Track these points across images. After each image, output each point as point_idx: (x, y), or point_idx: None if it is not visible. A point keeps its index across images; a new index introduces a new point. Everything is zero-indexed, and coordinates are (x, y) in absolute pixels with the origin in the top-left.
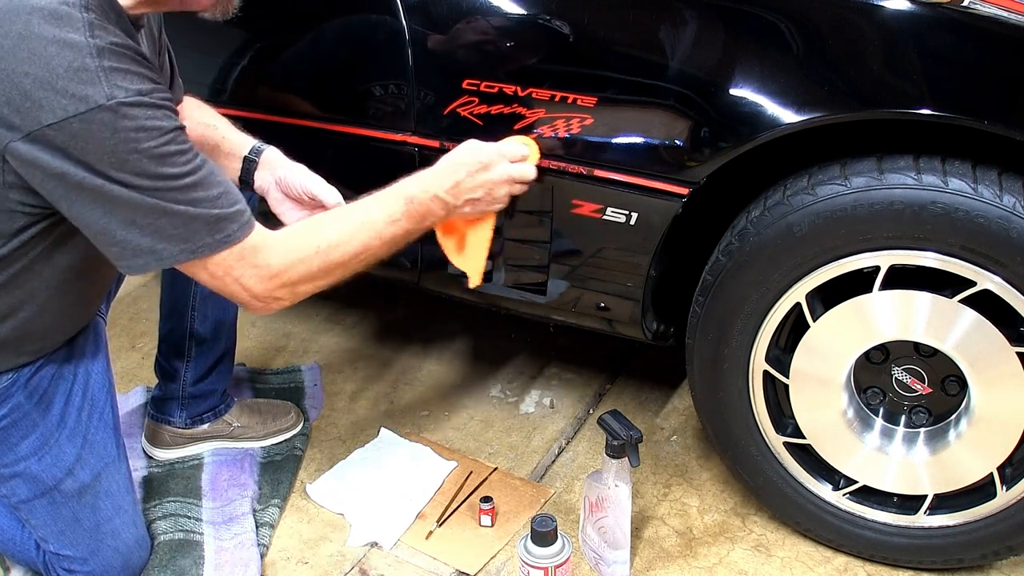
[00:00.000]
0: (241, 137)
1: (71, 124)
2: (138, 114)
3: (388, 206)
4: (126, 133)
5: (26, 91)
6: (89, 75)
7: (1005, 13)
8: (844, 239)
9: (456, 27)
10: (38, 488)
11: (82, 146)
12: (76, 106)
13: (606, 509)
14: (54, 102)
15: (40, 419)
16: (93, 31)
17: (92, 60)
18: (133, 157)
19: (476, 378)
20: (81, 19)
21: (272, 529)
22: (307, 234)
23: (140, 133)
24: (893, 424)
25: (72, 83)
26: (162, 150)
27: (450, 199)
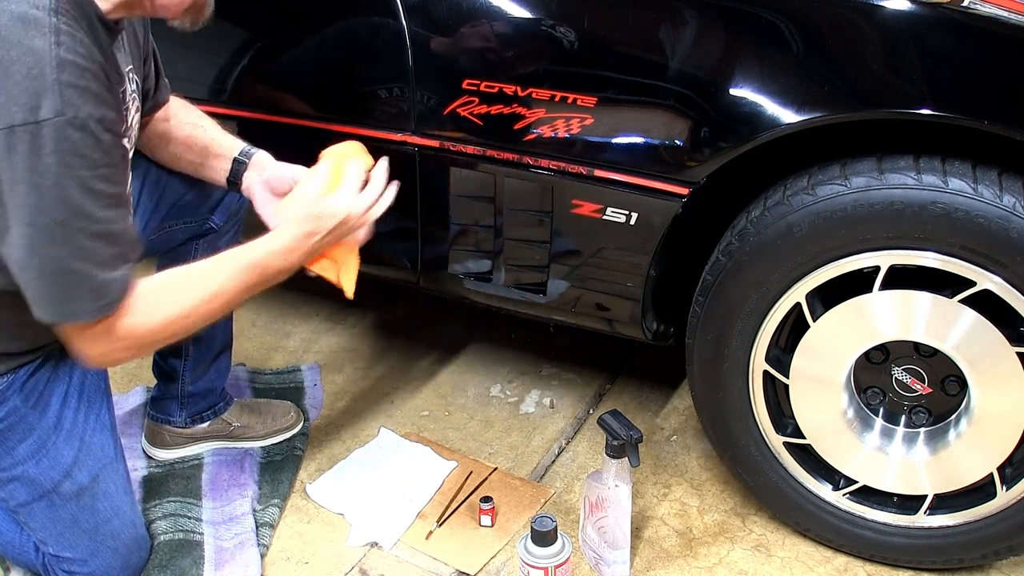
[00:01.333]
0: (230, 139)
1: (15, 132)
2: (80, 138)
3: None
4: (64, 155)
5: None
6: (44, 85)
7: (1005, 13)
8: (844, 239)
9: (456, 27)
10: (36, 491)
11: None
12: (24, 115)
13: (606, 509)
14: (5, 107)
15: (37, 422)
16: (59, 38)
17: (51, 71)
18: (65, 180)
19: (476, 378)
20: (49, 24)
21: (272, 529)
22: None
23: (76, 158)
24: (893, 424)
25: (25, 92)
26: (91, 183)
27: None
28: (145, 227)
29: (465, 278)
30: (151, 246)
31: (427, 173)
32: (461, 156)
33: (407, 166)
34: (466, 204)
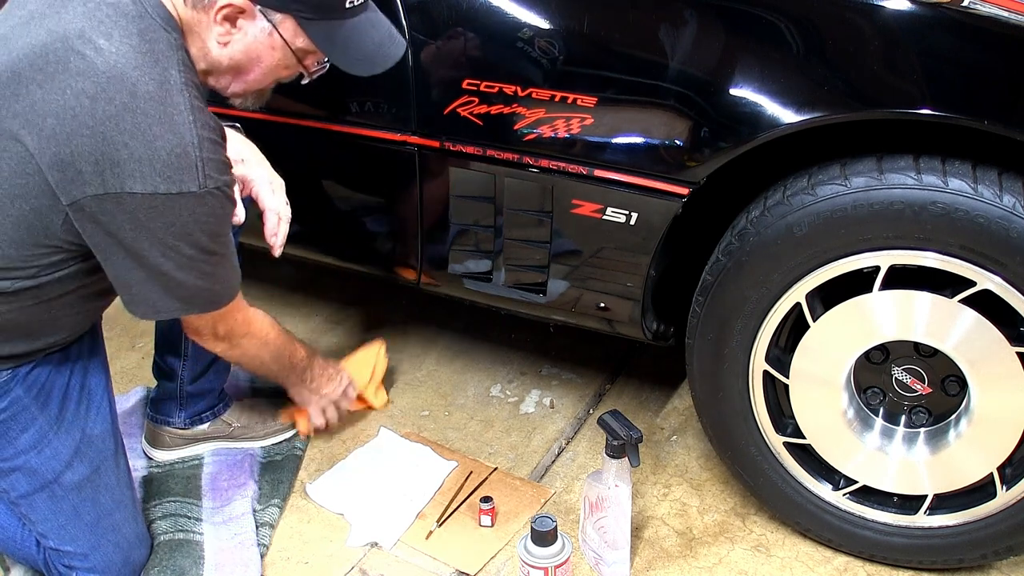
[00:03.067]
0: None
1: (156, 199)
2: (216, 202)
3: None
4: (200, 216)
5: (119, 160)
6: (189, 163)
7: (1005, 13)
8: (844, 239)
9: (456, 27)
10: (38, 482)
11: (154, 216)
12: (168, 187)
13: (606, 509)
14: (148, 177)
15: (39, 413)
16: (195, 115)
17: (193, 150)
18: (195, 234)
19: (476, 378)
20: (184, 103)
21: (272, 529)
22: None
23: (211, 217)
24: (893, 424)
25: (170, 167)
26: (216, 230)
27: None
28: None
29: (465, 278)
30: None
31: (427, 173)
32: (461, 156)
33: (407, 166)
34: (466, 204)
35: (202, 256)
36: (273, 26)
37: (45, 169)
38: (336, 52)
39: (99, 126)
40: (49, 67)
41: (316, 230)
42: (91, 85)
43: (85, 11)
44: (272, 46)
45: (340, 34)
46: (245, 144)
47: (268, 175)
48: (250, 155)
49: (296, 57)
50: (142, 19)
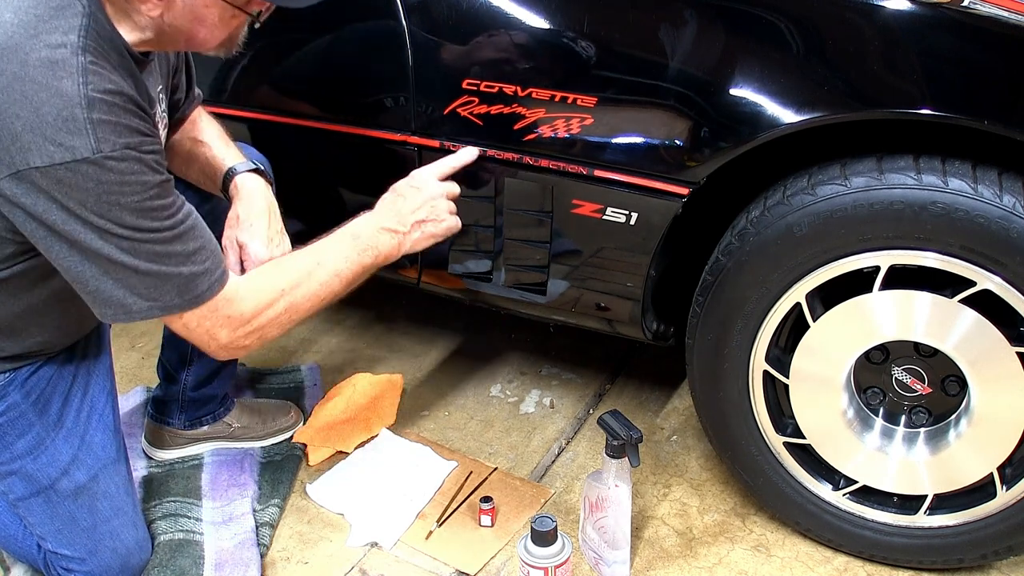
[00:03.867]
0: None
1: (57, 170)
2: (123, 168)
3: (339, 246)
4: (109, 185)
5: (16, 133)
6: (77, 126)
7: (1005, 13)
8: (844, 239)
9: (456, 27)
10: (34, 487)
11: (66, 191)
12: (63, 154)
13: (606, 509)
14: (43, 147)
15: (36, 419)
16: (87, 77)
17: (81, 111)
18: (115, 209)
19: (476, 378)
20: (76, 64)
21: (272, 529)
22: (270, 279)
23: (124, 187)
24: (893, 424)
25: (60, 132)
26: (145, 204)
27: (397, 225)
28: None
29: (465, 278)
30: None
31: None
32: None
33: (407, 166)
34: (466, 204)
35: (141, 235)
36: None
37: None
38: None
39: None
40: None
41: (316, 230)
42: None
43: None
44: (205, 4)
45: None
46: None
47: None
48: (260, 222)
49: (233, 5)
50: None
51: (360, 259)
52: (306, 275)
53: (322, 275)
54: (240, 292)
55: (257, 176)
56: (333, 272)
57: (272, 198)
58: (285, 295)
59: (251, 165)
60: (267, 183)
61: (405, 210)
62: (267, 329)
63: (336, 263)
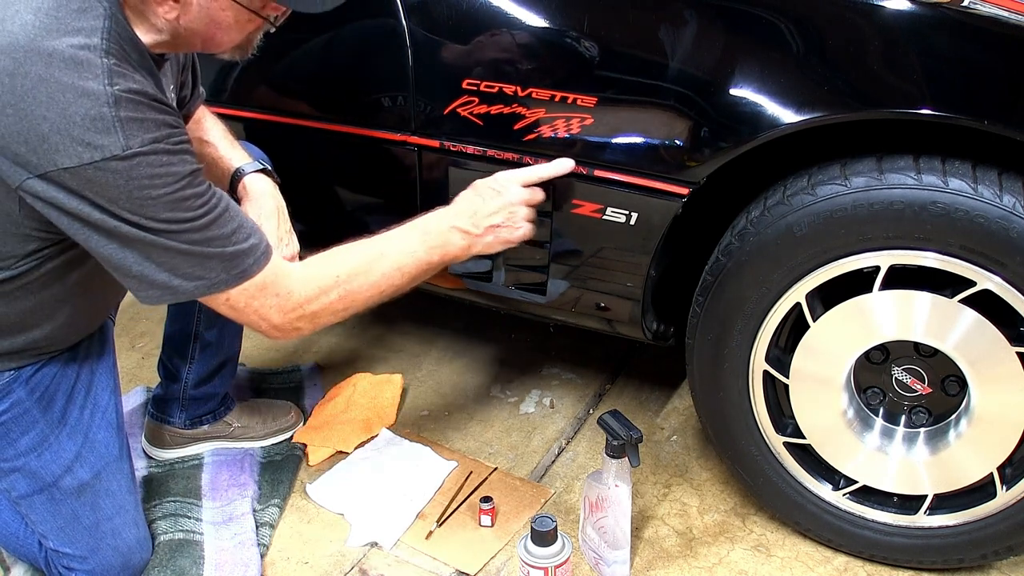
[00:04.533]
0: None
1: (86, 170)
2: (152, 161)
3: (405, 239)
4: (140, 180)
5: (43, 134)
6: (105, 124)
7: (1005, 13)
8: (844, 239)
9: (456, 27)
10: (37, 484)
11: (98, 190)
12: (91, 154)
13: (606, 509)
14: (70, 148)
15: (40, 416)
16: (112, 78)
17: (109, 110)
18: (148, 203)
19: (476, 378)
20: (100, 65)
21: (272, 529)
22: (327, 265)
23: (155, 180)
24: (893, 424)
25: (88, 132)
26: (176, 195)
27: (470, 227)
28: None
29: (465, 278)
30: None
31: (427, 173)
32: (461, 156)
33: (407, 166)
34: None
35: (178, 226)
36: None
37: None
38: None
39: (20, 103)
40: None
41: (316, 230)
42: (11, 62)
43: None
44: (221, 7)
45: None
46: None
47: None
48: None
49: (249, 9)
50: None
51: (428, 256)
52: (366, 265)
53: (384, 266)
54: (293, 275)
55: (265, 176)
56: (395, 266)
57: (280, 198)
58: (341, 284)
59: (258, 165)
60: (274, 183)
61: (482, 212)
62: (321, 316)
63: (400, 257)
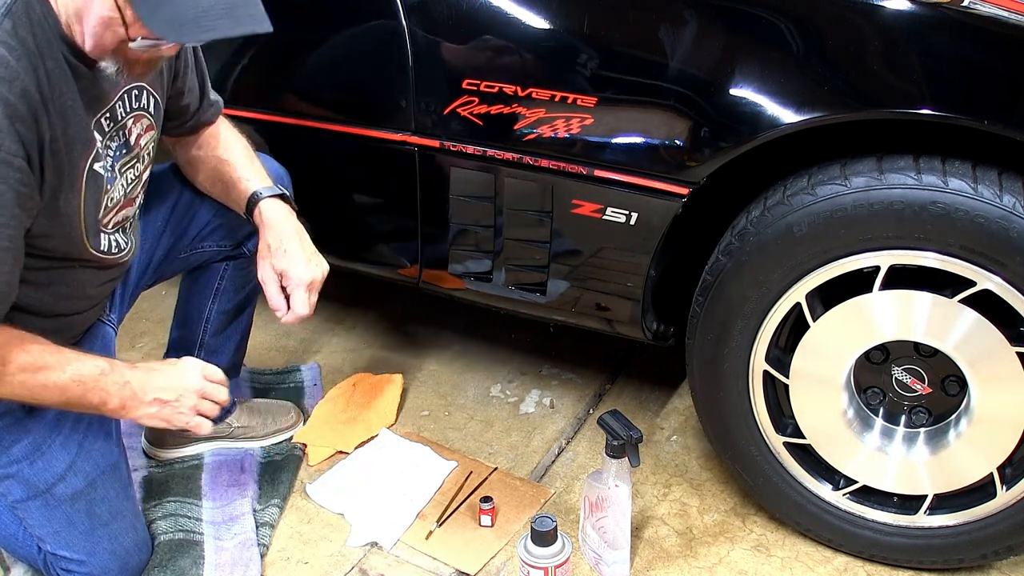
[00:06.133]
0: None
1: None
2: None
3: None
4: None
5: None
6: None
7: (1005, 13)
8: (844, 239)
9: (456, 27)
10: (31, 490)
11: None
12: None
13: (606, 509)
14: None
15: (33, 424)
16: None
17: None
18: None
19: (476, 378)
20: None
21: (272, 529)
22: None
23: None
24: (893, 424)
25: None
26: None
27: (135, 390)
28: (174, 245)
29: (465, 278)
30: (180, 263)
31: (427, 173)
32: (461, 156)
33: (407, 166)
34: (466, 204)
35: None
36: None
37: None
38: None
39: None
40: None
41: (316, 230)
42: None
43: None
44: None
45: None
46: (290, 230)
47: (308, 274)
48: (293, 247)
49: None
50: None
51: (89, 396)
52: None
53: (56, 378)
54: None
55: (281, 202)
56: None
57: (298, 223)
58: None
59: (276, 191)
60: (291, 209)
61: (156, 383)
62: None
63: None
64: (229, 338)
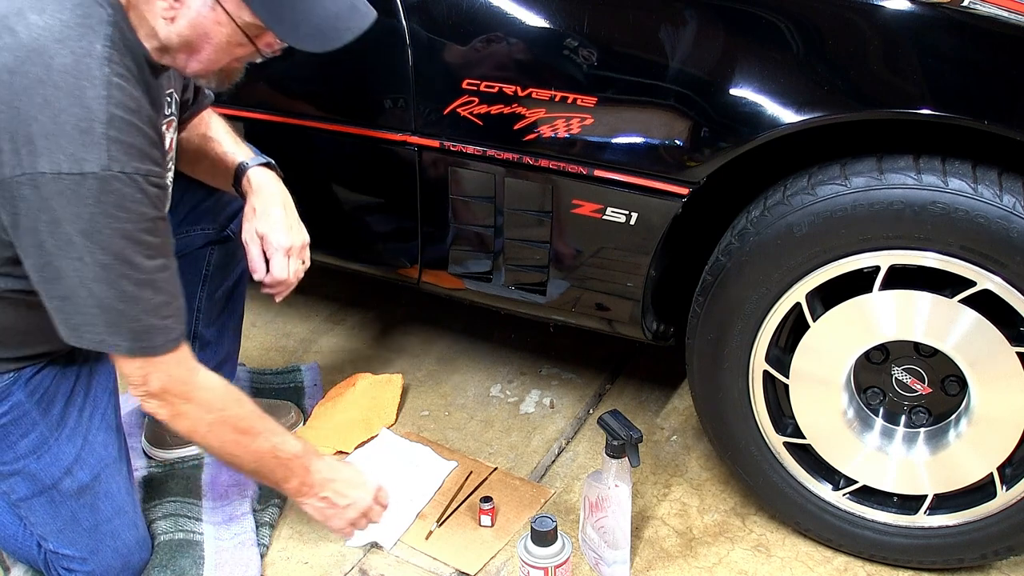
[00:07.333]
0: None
1: (61, 180)
2: (126, 192)
3: (289, 445)
4: (106, 206)
5: (30, 135)
6: (93, 139)
7: (1005, 13)
8: (844, 239)
9: (456, 27)
10: (36, 486)
11: (63, 203)
12: (71, 166)
13: (606, 509)
14: (53, 155)
15: (40, 418)
16: (110, 91)
17: (100, 125)
18: (105, 231)
19: (476, 378)
20: (100, 76)
21: (272, 529)
22: (229, 397)
23: (120, 211)
24: (893, 424)
25: (74, 143)
26: (134, 234)
27: (315, 481)
28: None
29: (465, 278)
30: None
31: (427, 173)
32: (461, 156)
33: (407, 166)
34: (466, 204)
35: (120, 267)
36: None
37: None
38: (283, 27)
39: (15, 100)
40: None
41: (316, 230)
42: (12, 59)
43: None
44: (217, 21)
45: (287, 6)
46: (276, 196)
47: (287, 240)
48: (276, 211)
49: (245, 34)
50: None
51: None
52: (248, 430)
53: (258, 446)
54: (200, 373)
55: (268, 170)
56: (263, 452)
57: (285, 191)
58: (223, 418)
59: (262, 160)
60: (278, 176)
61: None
62: (183, 419)
63: (274, 450)
64: (223, 328)
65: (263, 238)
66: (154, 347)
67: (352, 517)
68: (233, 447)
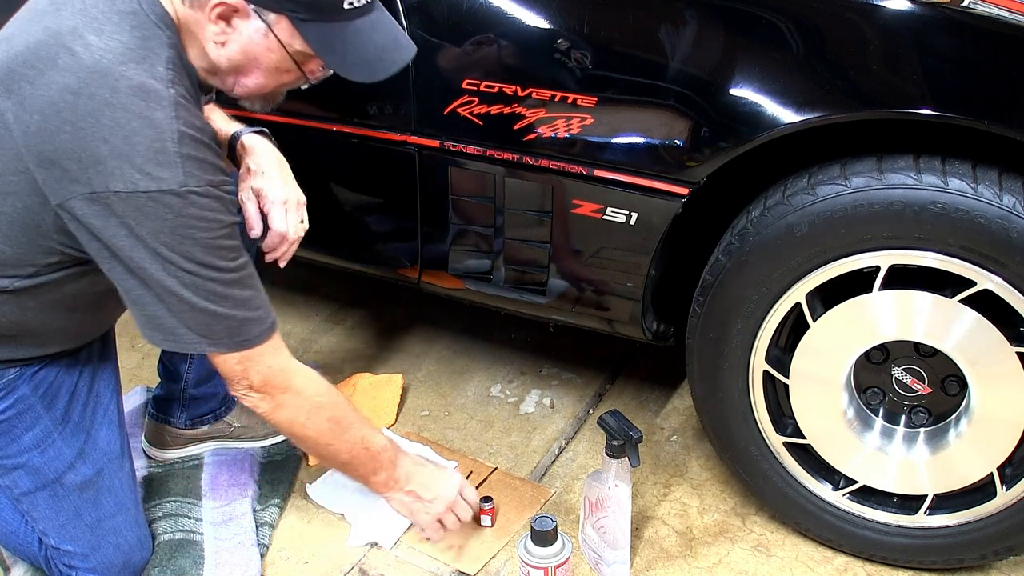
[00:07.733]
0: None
1: (138, 198)
2: (204, 204)
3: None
4: (187, 219)
5: (99, 156)
6: (168, 158)
7: (1005, 13)
8: (844, 239)
9: (456, 27)
10: (40, 480)
11: (141, 219)
12: (148, 184)
13: (606, 509)
14: (127, 174)
15: (44, 412)
16: (178, 111)
17: (172, 144)
18: (187, 243)
19: (476, 378)
20: (168, 97)
21: (272, 529)
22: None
23: (201, 222)
24: (893, 424)
25: (149, 162)
26: (215, 242)
27: (400, 476)
28: None
29: (465, 278)
30: None
31: (427, 173)
32: (461, 156)
33: (407, 166)
34: (466, 204)
35: (206, 272)
36: (268, 26)
37: (32, 167)
38: (334, 57)
39: (80, 122)
40: (40, 63)
41: (316, 229)
42: (75, 80)
43: (82, 7)
44: (268, 47)
45: (339, 37)
46: (270, 155)
47: (284, 193)
48: (271, 169)
49: (294, 60)
50: (135, 16)
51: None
52: (341, 420)
53: (352, 435)
54: (294, 362)
55: (262, 135)
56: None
57: (279, 153)
58: (319, 406)
59: (255, 128)
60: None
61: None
62: (283, 410)
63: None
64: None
65: (259, 194)
66: (251, 338)
67: (439, 511)
68: (329, 437)
